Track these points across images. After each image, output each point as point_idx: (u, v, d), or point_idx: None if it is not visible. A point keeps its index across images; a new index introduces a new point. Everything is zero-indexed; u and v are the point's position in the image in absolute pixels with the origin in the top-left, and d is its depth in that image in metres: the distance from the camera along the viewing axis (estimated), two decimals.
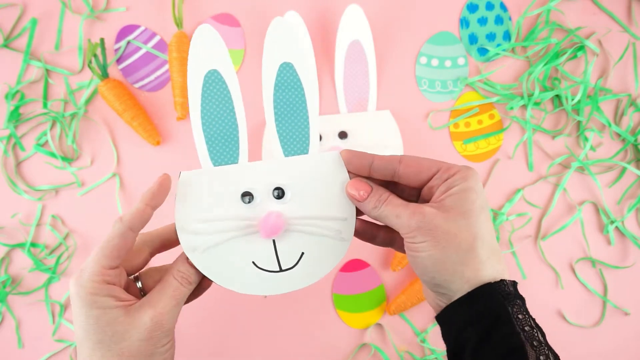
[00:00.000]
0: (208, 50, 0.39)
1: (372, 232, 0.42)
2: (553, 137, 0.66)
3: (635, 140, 0.65)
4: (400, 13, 0.67)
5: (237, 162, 0.40)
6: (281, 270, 0.39)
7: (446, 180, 0.36)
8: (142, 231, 0.37)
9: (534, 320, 0.35)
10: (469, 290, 0.34)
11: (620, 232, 0.65)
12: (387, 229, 0.42)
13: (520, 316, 0.34)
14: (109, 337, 0.34)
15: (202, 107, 0.40)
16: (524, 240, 0.65)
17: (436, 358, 0.63)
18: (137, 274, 0.40)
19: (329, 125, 0.64)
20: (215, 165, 0.40)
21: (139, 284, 0.39)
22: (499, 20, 0.67)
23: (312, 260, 0.40)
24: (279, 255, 0.39)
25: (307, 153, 0.41)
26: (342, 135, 0.64)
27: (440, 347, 0.63)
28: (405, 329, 0.64)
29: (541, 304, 0.64)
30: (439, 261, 0.34)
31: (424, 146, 0.65)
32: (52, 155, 0.64)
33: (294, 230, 0.40)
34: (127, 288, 0.38)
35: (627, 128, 0.65)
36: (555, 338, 0.64)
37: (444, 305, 0.37)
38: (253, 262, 0.39)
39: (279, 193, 0.40)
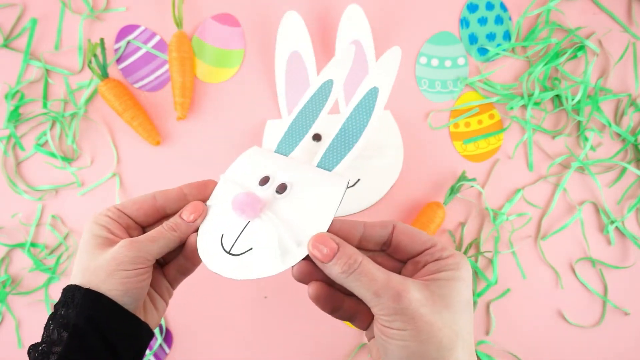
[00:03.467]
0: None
1: (335, 303, 0.36)
2: (553, 137, 0.66)
3: (636, 140, 0.65)
4: (400, 13, 0.67)
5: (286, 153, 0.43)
6: (227, 252, 0.38)
7: (437, 260, 0.34)
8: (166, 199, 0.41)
9: None
10: None
11: (620, 232, 0.65)
12: (355, 301, 0.37)
13: None
14: (86, 257, 0.37)
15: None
16: (524, 240, 0.65)
17: None
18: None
19: (329, 125, 0.64)
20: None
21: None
22: (499, 20, 0.67)
23: (257, 258, 0.37)
24: (239, 238, 0.38)
25: (330, 170, 0.41)
26: None
27: None
28: None
29: (541, 304, 0.64)
30: (416, 355, 0.31)
31: (424, 146, 0.65)
32: (52, 155, 0.64)
33: (266, 225, 0.38)
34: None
35: (627, 128, 0.65)
36: (555, 338, 0.64)
37: None
38: (222, 235, 0.39)
39: (280, 189, 0.40)
